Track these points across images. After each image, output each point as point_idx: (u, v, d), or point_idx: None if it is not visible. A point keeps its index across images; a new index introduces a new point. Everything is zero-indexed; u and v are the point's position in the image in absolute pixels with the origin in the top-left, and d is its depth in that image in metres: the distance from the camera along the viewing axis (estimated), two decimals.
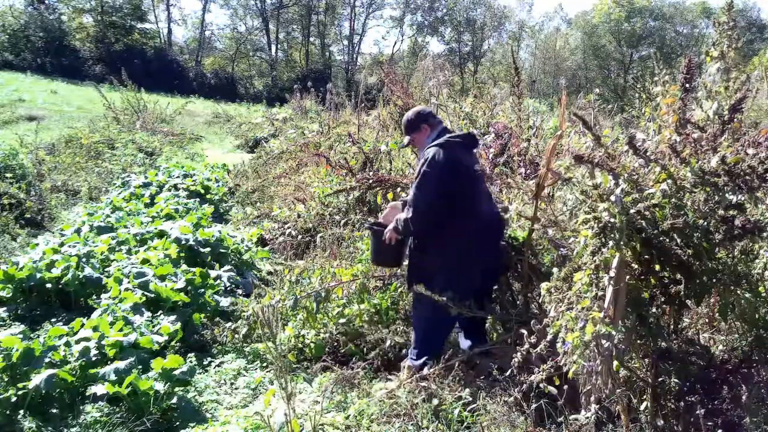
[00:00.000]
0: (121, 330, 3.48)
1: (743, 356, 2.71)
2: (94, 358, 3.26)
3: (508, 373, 2.97)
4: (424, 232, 3.37)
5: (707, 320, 3.05)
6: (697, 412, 2.36)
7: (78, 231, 5.99)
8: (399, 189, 6.32)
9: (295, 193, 7.45)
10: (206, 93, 30.78)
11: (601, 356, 2.38)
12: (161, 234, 5.74)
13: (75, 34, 34.12)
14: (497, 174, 4.28)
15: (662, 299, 2.63)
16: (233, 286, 4.94)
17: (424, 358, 3.32)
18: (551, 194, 3.90)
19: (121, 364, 3.15)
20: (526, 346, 2.72)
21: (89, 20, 36.01)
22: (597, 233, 2.46)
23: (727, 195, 2.29)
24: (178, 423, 3.05)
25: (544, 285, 2.78)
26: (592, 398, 2.52)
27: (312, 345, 3.80)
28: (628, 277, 2.52)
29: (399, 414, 2.97)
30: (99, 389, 3.04)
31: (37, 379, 2.98)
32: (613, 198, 2.41)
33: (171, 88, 27.17)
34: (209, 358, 3.82)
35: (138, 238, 5.68)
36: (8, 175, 7.85)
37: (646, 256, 2.52)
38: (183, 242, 5.32)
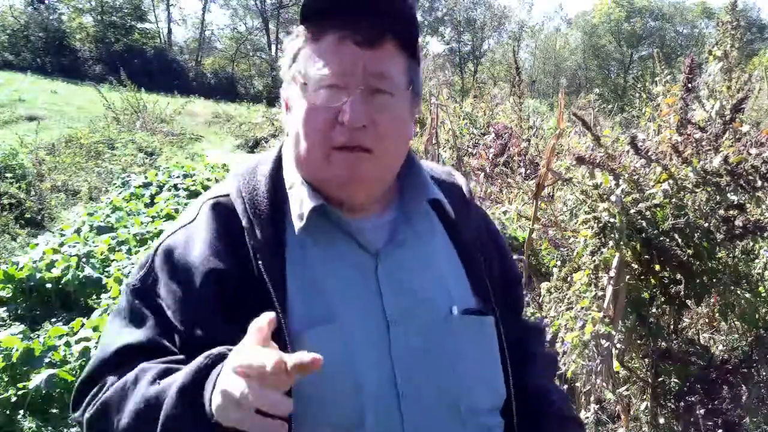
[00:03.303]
0: None
1: (743, 356, 2.71)
2: None
3: None
4: None
5: (707, 320, 3.05)
6: (697, 412, 2.36)
7: (78, 231, 5.98)
8: None
9: None
10: (206, 93, 30.77)
11: (601, 356, 2.38)
12: (161, 234, 5.74)
13: (75, 34, 34.12)
14: (497, 174, 4.27)
15: (662, 299, 2.63)
16: None
17: None
18: (551, 194, 3.90)
19: None
20: None
21: (89, 20, 36.03)
22: (597, 233, 2.46)
23: (728, 195, 2.29)
24: None
25: (544, 285, 2.78)
26: (592, 398, 2.52)
27: None
28: (628, 277, 2.52)
29: None
30: None
31: (37, 379, 2.98)
32: (613, 198, 2.41)
33: (171, 88, 27.15)
34: None
35: (138, 238, 5.68)
36: (8, 175, 7.85)
37: (646, 256, 2.52)
38: None
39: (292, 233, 0.95)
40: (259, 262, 0.90)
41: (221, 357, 0.78)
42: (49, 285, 4.35)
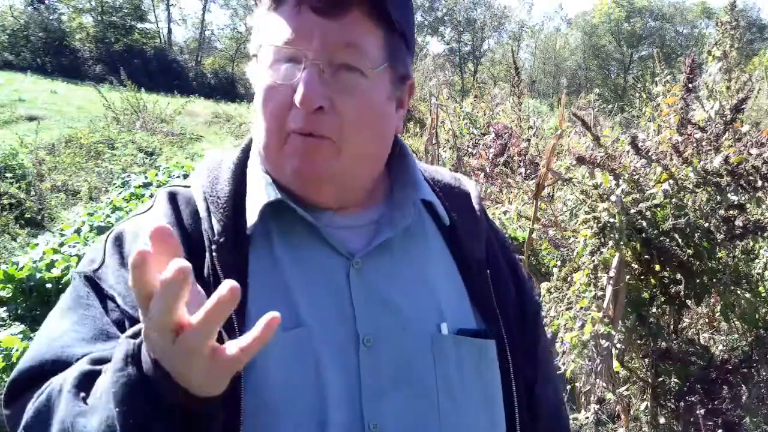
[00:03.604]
0: None
1: (743, 356, 2.71)
2: None
3: None
4: None
5: (707, 320, 3.05)
6: (697, 412, 2.36)
7: (78, 231, 5.98)
8: None
9: None
10: (206, 93, 30.74)
11: (601, 356, 2.38)
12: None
13: (75, 34, 34.13)
14: (497, 174, 4.27)
15: (662, 299, 2.63)
16: None
17: None
18: (551, 194, 3.90)
19: None
20: None
21: (89, 20, 36.06)
22: (597, 233, 2.46)
23: (729, 195, 2.29)
24: None
25: (544, 285, 2.78)
26: (592, 398, 2.52)
27: None
28: (627, 277, 2.52)
29: None
30: None
31: None
32: (613, 198, 2.41)
33: (171, 88, 27.13)
34: None
35: None
36: (8, 175, 7.87)
37: (646, 256, 2.52)
38: None
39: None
40: (214, 254, 0.77)
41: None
42: (49, 285, 4.36)
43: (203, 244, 0.79)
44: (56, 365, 0.73)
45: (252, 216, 0.80)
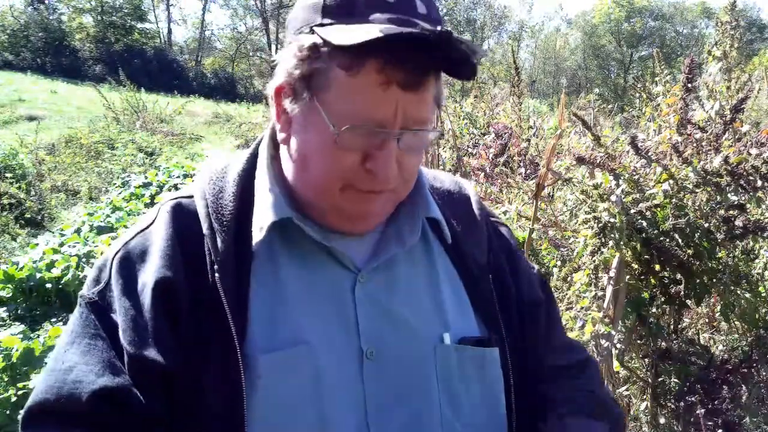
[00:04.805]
0: None
1: (743, 356, 2.71)
2: None
3: None
4: None
5: (707, 320, 3.05)
6: (697, 412, 2.36)
7: (78, 231, 5.99)
8: None
9: None
10: (206, 93, 30.75)
11: (601, 356, 2.37)
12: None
13: (75, 34, 34.15)
14: (497, 174, 4.27)
15: (662, 299, 2.63)
16: None
17: None
18: (551, 194, 3.89)
19: None
20: None
21: (89, 20, 36.07)
22: (597, 233, 2.45)
23: (729, 195, 2.29)
24: None
25: None
26: None
27: None
28: (628, 277, 2.52)
29: None
30: None
31: (37, 379, 2.98)
32: (613, 198, 2.41)
33: (171, 88, 27.14)
34: None
35: None
36: (8, 175, 7.87)
37: (646, 256, 2.52)
38: None
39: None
40: (216, 275, 0.77)
41: None
42: (49, 285, 4.36)
43: (205, 262, 0.79)
44: (70, 400, 0.75)
45: (258, 233, 0.81)
